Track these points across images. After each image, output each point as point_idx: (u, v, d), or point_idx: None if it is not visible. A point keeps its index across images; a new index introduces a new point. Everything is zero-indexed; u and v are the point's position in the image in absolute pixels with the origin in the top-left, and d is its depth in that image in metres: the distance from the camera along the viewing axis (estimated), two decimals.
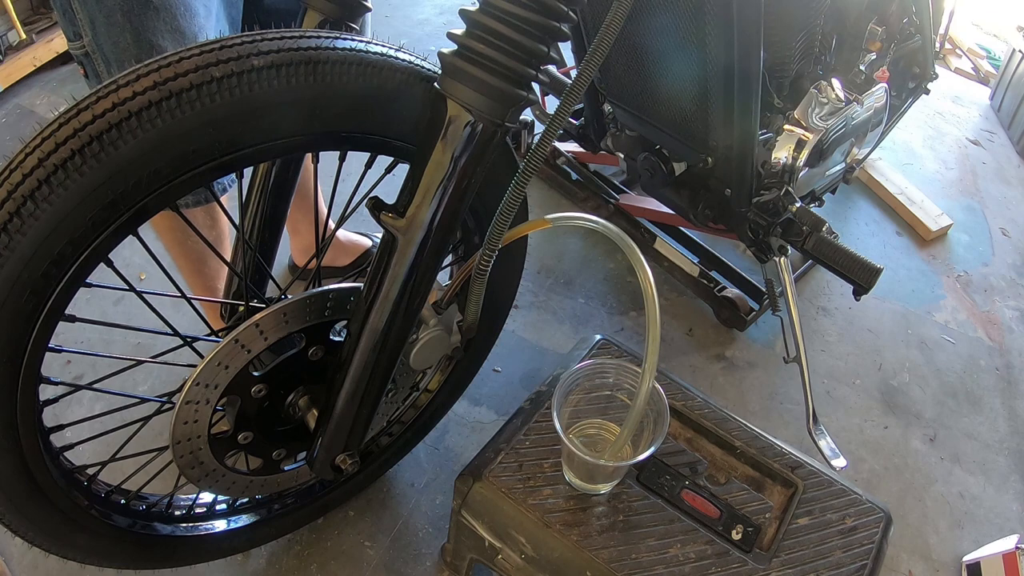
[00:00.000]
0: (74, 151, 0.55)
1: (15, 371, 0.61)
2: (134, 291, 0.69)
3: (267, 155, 0.65)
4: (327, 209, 0.87)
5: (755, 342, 1.49)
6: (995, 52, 2.53)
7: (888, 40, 1.21)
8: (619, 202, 1.62)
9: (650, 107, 1.17)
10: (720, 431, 0.95)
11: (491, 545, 0.89)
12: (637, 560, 0.82)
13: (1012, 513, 1.27)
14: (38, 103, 1.88)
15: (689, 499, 0.88)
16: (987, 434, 1.39)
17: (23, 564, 1.04)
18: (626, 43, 1.12)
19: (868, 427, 1.37)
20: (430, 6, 2.45)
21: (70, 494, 0.74)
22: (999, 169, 2.09)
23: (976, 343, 1.57)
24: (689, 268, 1.51)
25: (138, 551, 0.86)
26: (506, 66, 0.60)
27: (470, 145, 0.64)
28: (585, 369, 0.86)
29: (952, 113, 2.29)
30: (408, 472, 1.20)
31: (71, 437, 0.79)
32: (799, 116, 1.11)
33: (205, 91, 0.57)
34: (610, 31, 0.60)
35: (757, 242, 1.18)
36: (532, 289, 1.53)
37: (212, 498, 0.95)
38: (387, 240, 0.69)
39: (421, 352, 0.79)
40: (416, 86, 0.68)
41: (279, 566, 1.08)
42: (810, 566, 0.83)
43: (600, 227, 0.68)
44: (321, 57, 0.62)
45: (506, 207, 0.65)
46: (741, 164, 1.09)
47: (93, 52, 0.83)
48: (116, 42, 0.81)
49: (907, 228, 1.82)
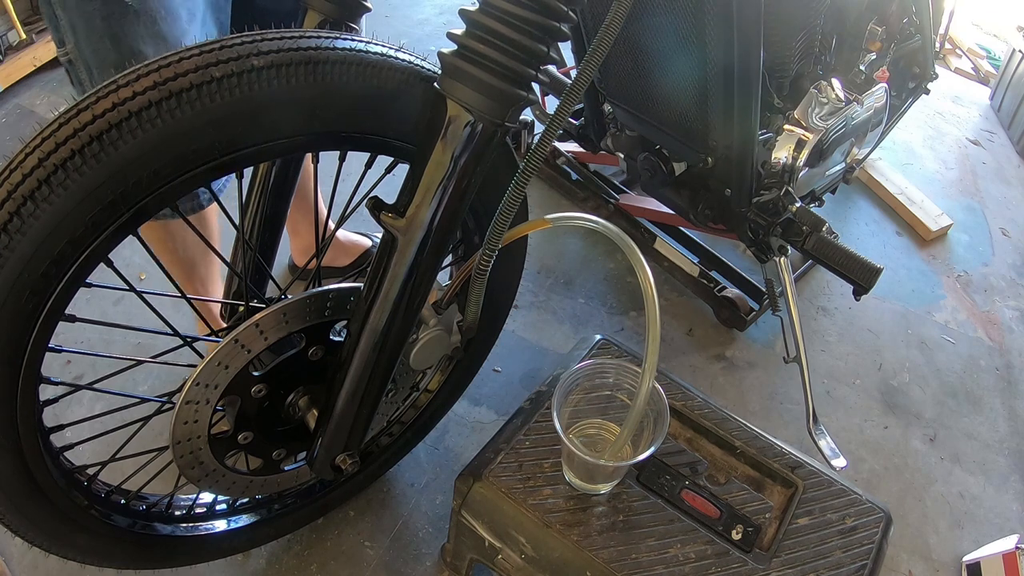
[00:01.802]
0: (74, 151, 0.55)
1: (15, 371, 0.61)
2: (134, 291, 0.69)
3: (267, 155, 0.65)
4: (327, 209, 0.87)
5: (755, 342, 1.49)
6: (995, 52, 2.53)
7: (888, 40, 1.21)
8: (619, 202, 1.62)
9: (650, 107, 1.17)
10: (720, 431, 0.95)
11: (491, 545, 0.89)
12: (637, 560, 0.82)
13: (1012, 513, 1.28)
14: (38, 103, 1.88)
15: (689, 499, 0.88)
16: (987, 434, 1.39)
17: (23, 564, 1.04)
18: (626, 43, 1.12)
19: (868, 427, 1.37)
20: (430, 6, 2.45)
21: (70, 494, 0.73)
22: (999, 169, 2.09)
23: (976, 343, 1.57)
24: (689, 268, 1.51)
25: (138, 551, 0.86)
26: (506, 66, 0.60)
27: (470, 145, 0.64)
28: (585, 369, 0.86)
29: (952, 113, 2.29)
30: (408, 472, 1.20)
31: (71, 437, 0.79)
32: (799, 116, 1.11)
33: (205, 91, 0.57)
34: (610, 31, 0.60)
35: (757, 242, 1.18)
36: (532, 289, 1.53)
37: (212, 498, 0.95)
38: (387, 240, 0.69)
39: (421, 352, 0.79)
40: (416, 86, 0.68)
41: (279, 566, 1.08)
42: (810, 566, 0.83)
43: (600, 227, 0.68)
44: (321, 57, 0.62)
45: (506, 207, 0.65)
46: (741, 164, 1.09)
47: (75, 59, 0.81)
48: (96, 48, 0.79)
49: (907, 228, 1.82)
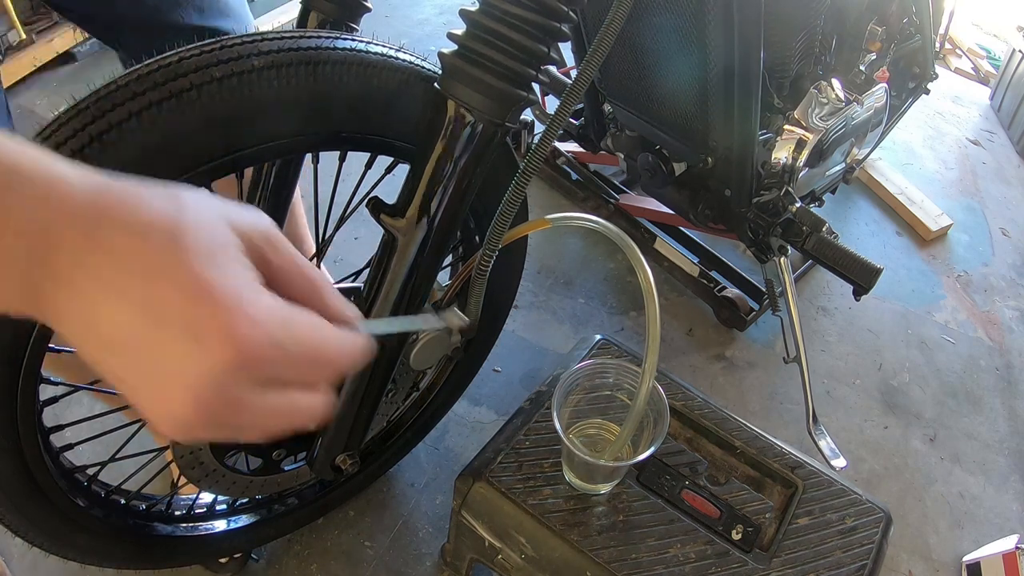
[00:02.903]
0: (73, 152, 0.55)
1: (15, 371, 0.61)
2: None
3: (267, 155, 0.65)
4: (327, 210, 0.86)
5: (755, 342, 1.49)
6: (995, 52, 2.53)
7: (888, 40, 1.21)
8: (619, 202, 1.62)
9: (650, 107, 1.17)
10: (720, 431, 0.95)
11: (491, 545, 0.89)
12: (637, 560, 0.82)
13: (1012, 513, 1.28)
14: (38, 103, 1.88)
15: (689, 499, 0.88)
16: (987, 434, 1.39)
17: (23, 564, 1.04)
18: (626, 43, 1.12)
19: (868, 427, 1.37)
20: (430, 6, 2.45)
21: (70, 494, 0.74)
22: (999, 169, 2.09)
23: (976, 343, 1.57)
24: (689, 268, 1.51)
25: (138, 551, 0.86)
26: (506, 66, 0.60)
27: (470, 145, 0.64)
28: (585, 369, 0.86)
29: (952, 113, 2.29)
30: (408, 472, 1.20)
31: (71, 437, 0.79)
32: (799, 116, 1.11)
33: (206, 91, 0.57)
34: (610, 31, 0.60)
35: (757, 242, 1.18)
36: (532, 289, 1.53)
37: (212, 498, 0.95)
38: (387, 240, 0.69)
39: (421, 352, 0.79)
40: (416, 86, 0.68)
41: (279, 566, 1.08)
42: (810, 566, 0.83)
43: (600, 227, 0.68)
44: (321, 57, 0.62)
45: (506, 207, 0.65)
46: (741, 164, 1.09)
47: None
48: None
49: (907, 228, 1.82)
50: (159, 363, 0.29)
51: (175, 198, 0.31)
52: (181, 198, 0.32)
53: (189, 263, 0.29)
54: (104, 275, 0.29)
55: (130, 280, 0.29)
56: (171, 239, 0.29)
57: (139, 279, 0.29)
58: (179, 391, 0.29)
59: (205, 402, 0.29)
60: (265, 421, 0.32)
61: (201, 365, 0.29)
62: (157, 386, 0.30)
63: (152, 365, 0.29)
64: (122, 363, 0.30)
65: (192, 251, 0.29)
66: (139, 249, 0.29)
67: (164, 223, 0.30)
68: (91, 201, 0.29)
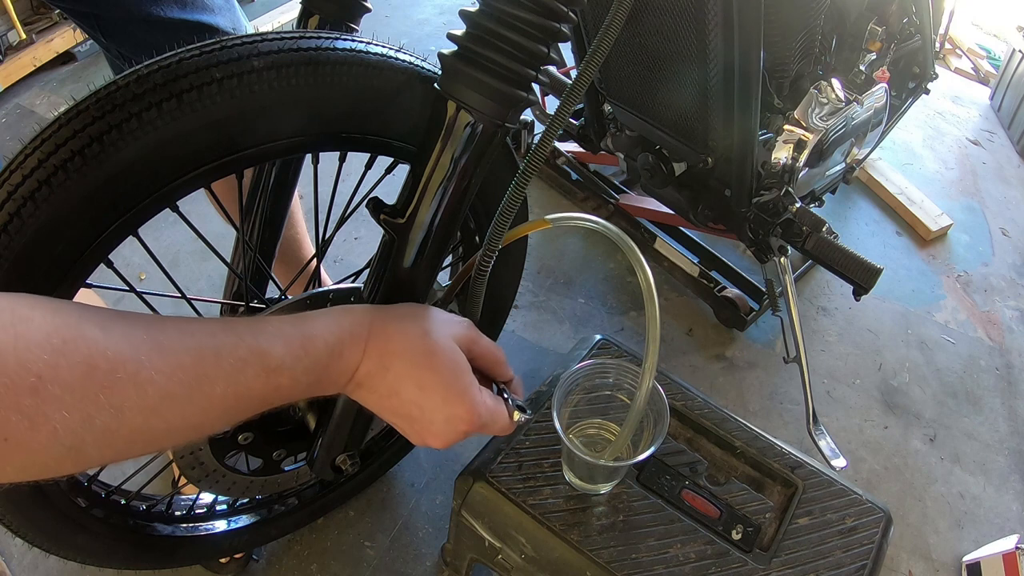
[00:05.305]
0: (74, 152, 0.55)
1: None
2: (134, 291, 0.69)
3: (267, 156, 0.65)
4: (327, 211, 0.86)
5: (755, 342, 1.49)
6: (995, 52, 2.53)
7: (888, 40, 1.21)
8: (619, 202, 1.62)
9: (650, 107, 1.17)
10: (720, 431, 0.95)
11: (491, 545, 0.89)
12: (637, 560, 0.82)
13: (1012, 513, 1.28)
14: (38, 103, 1.88)
15: (689, 499, 0.88)
16: (987, 434, 1.40)
17: (23, 564, 1.04)
18: (626, 43, 1.12)
19: (868, 427, 1.37)
20: (430, 6, 2.46)
21: (70, 494, 0.74)
22: (999, 169, 2.09)
23: (976, 343, 1.57)
24: (689, 268, 1.51)
25: (138, 551, 0.86)
26: (506, 67, 0.60)
27: (470, 145, 0.64)
28: (585, 369, 0.86)
29: (952, 113, 2.29)
30: (408, 472, 1.20)
31: None
32: (799, 116, 1.11)
33: (206, 92, 0.57)
34: (610, 31, 0.60)
35: (757, 242, 1.18)
36: (532, 289, 1.53)
37: (212, 499, 0.95)
38: (387, 240, 0.69)
39: None
40: (416, 87, 0.68)
41: (279, 566, 1.08)
42: (810, 566, 0.83)
43: (600, 227, 0.68)
44: (321, 58, 0.62)
45: (506, 207, 0.65)
46: (741, 164, 1.09)
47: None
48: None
49: (907, 228, 1.82)
50: (430, 428, 0.62)
51: (421, 328, 0.61)
52: (425, 327, 0.61)
53: (446, 379, 0.60)
54: (389, 387, 0.60)
55: (410, 392, 0.59)
56: (429, 368, 0.60)
57: (414, 390, 0.59)
58: (438, 441, 0.63)
59: (449, 443, 0.63)
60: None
61: (452, 434, 0.63)
62: (426, 435, 0.63)
63: (425, 427, 0.62)
64: (406, 424, 0.62)
65: (442, 371, 0.60)
66: (410, 375, 0.59)
67: (421, 353, 0.59)
68: (377, 353, 0.58)
